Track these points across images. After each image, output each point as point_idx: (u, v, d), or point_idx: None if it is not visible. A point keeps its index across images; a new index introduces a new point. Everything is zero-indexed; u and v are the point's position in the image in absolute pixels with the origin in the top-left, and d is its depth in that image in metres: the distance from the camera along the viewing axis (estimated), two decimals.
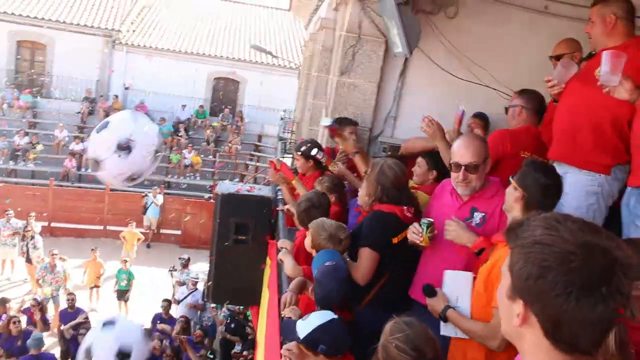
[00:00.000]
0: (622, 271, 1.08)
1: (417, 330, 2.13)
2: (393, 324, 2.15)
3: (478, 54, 5.60)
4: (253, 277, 4.81)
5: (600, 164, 3.36)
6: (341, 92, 5.61)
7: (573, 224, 1.15)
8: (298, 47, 26.95)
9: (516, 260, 1.17)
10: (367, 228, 3.38)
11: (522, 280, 1.15)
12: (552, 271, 1.09)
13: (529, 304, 1.15)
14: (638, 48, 3.20)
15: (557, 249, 1.10)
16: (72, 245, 15.56)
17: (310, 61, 10.36)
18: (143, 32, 25.61)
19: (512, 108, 4.12)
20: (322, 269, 2.96)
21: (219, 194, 4.94)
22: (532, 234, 1.16)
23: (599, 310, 1.07)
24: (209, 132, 23.39)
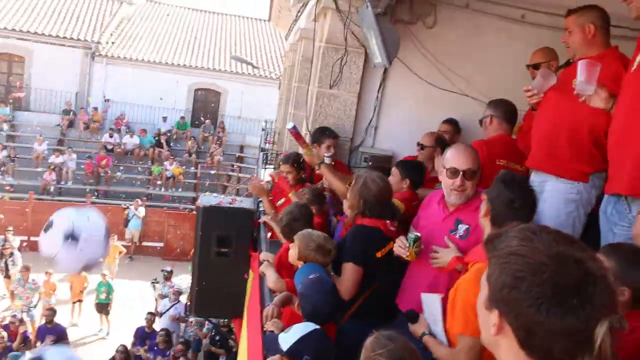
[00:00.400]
0: (593, 282, 1.09)
1: (398, 343, 2.12)
2: (374, 340, 2.12)
3: (457, 64, 5.64)
4: (236, 290, 4.78)
5: (578, 171, 3.40)
6: (321, 103, 5.61)
7: (547, 235, 1.17)
8: (279, 57, 26.99)
9: (492, 271, 1.20)
10: (350, 243, 3.36)
11: (497, 290, 1.17)
12: (525, 282, 1.11)
13: (504, 313, 1.17)
14: (614, 58, 3.26)
15: (530, 260, 1.13)
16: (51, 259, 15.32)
17: (291, 72, 10.37)
18: (123, 43, 25.47)
19: (485, 119, 4.26)
20: (306, 283, 2.93)
21: (201, 206, 4.90)
22: (508, 245, 1.18)
23: (568, 321, 1.08)
24: (190, 144, 23.29)
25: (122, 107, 23.94)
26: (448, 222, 3.24)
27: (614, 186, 2.95)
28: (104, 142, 21.90)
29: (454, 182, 3.13)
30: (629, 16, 2.99)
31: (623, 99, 2.95)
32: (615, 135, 2.98)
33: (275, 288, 3.39)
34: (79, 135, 22.67)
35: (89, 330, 13.10)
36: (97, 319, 13.20)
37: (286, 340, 2.55)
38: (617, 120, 2.98)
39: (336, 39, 5.53)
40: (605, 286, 1.11)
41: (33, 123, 22.46)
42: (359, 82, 5.67)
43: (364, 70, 5.69)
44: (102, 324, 13.17)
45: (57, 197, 19.93)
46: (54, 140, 22.18)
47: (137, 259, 17.97)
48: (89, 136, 22.72)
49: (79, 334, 12.67)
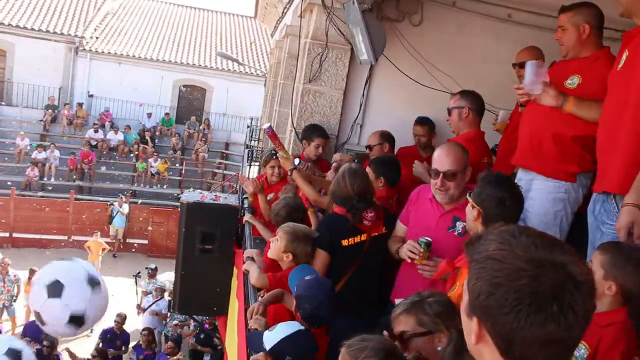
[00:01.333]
0: (575, 287, 1.04)
1: (374, 339, 2.07)
2: (348, 350, 2.04)
3: (443, 61, 5.64)
4: (220, 286, 4.75)
5: (566, 172, 3.40)
6: (307, 100, 5.59)
7: (527, 239, 1.10)
8: (264, 54, 26.91)
9: (471, 276, 1.14)
10: (320, 229, 3.52)
11: (475, 297, 1.11)
12: (501, 288, 1.06)
13: (482, 321, 1.12)
14: (607, 60, 3.25)
15: (507, 265, 1.07)
16: (35, 256, 15.20)
17: (277, 68, 10.34)
18: (107, 38, 25.22)
19: (458, 109, 4.14)
20: (304, 284, 2.88)
21: (184, 203, 4.86)
22: (486, 249, 1.13)
23: (549, 329, 1.03)
24: (174, 140, 23.15)
25: (106, 103, 23.71)
26: (445, 220, 3.28)
27: (603, 185, 2.95)
28: (88, 137, 21.67)
29: (435, 182, 3.22)
30: (615, 17, 3.02)
31: (610, 97, 2.96)
32: (603, 134, 2.98)
33: (258, 285, 3.38)
34: (62, 130, 22.43)
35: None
36: None
37: (270, 339, 2.53)
38: (604, 119, 2.99)
39: (322, 36, 5.51)
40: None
41: (15, 118, 22.23)
42: (345, 78, 5.66)
43: (350, 67, 5.68)
44: None
45: (40, 192, 19.75)
46: (36, 136, 21.92)
47: (122, 256, 17.85)
48: (73, 132, 22.49)
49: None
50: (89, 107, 23.84)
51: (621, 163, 2.79)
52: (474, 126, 4.19)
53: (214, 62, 25.85)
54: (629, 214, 2.56)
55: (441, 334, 2.09)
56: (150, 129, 23.49)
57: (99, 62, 24.11)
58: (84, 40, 23.80)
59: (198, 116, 25.17)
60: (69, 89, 23.66)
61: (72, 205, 18.22)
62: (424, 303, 2.17)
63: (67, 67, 23.66)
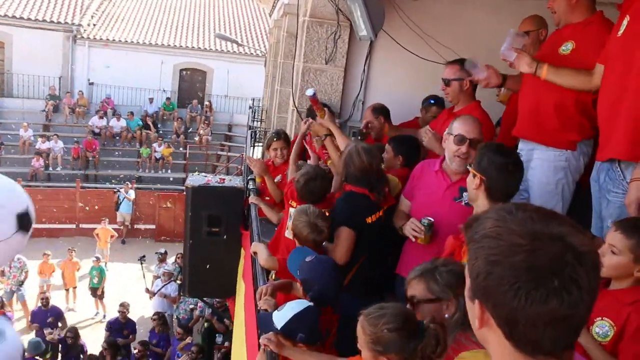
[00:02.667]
0: (576, 259, 0.98)
1: (391, 307, 2.11)
2: (366, 319, 2.07)
3: (443, 35, 5.58)
4: (228, 268, 4.78)
5: (567, 140, 3.39)
6: (307, 78, 5.57)
7: (524, 213, 1.05)
8: (264, 34, 26.73)
9: (470, 257, 1.09)
10: (341, 207, 3.41)
11: (474, 278, 1.06)
12: (498, 266, 1.01)
13: (484, 303, 1.06)
14: (600, 24, 3.23)
15: (503, 242, 1.02)
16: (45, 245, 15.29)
17: (276, 48, 10.28)
18: (104, 25, 25.08)
19: (459, 81, 4.06)
20: (307, 267, 2.85)
21: (190, 186, 4.88)
22: (483, 227, 1.08)
23: (552, 306, 0.97)
24: (176, 124, 23.14)
25: (107, 90, 23.66)
26: (452, 191, 3.28)
27: (607, 152, 2.93)
28: (92, 125, 21.68)
29: (460, 149, 3.21)
30: None
31: (613, 64, 2.93)
32: (607, 101, 2.95)
33: (267, 266, 3.38)
34: (64, 120, 22.44)
35: (86, 314, 13.18)
36: (93, 303, 13.25)
37: (280, 318, 2.54)
38: (606, 85, 2.96)
39: (320, 13, 5.47)
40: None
41: (17, 109, 22.23)
42: (345, 55, 5.63)
43: (350, 44, 5.64)
44: (98, 308, 13.21)
45: (47, 183, 19.82)
46: (39, 126, 21.94)
47: (130, 241, 17.97)
48: (75, 121, 22.49)
49: (77, 318, 12.72)
50: (90, 95, 23.81)
51: (627, 129, 2.77)
52: (472, 97, 4.16)
53: (213, 44, 25.69)
54: (638, 189, 2.56)
55: (449, 302, 2.11)
56: (152, 114, 23.45)
57: (97, 49, 24.00)
58: (82, 28, 23.66)
59: (200, 99, 25.10)
60: (69, 78, 23.60)
61: (79, 194, 18.30)
62: (436, 271, 2.19)
63: (66, 56, 23.57)
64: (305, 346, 2.52)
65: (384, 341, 2.02)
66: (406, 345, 2.02)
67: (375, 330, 2.04)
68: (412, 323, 2.07)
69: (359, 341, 2.10)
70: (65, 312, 11.64)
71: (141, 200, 18.65)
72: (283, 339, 2.50)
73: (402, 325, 2.03)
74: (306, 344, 2.52)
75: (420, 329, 2.04)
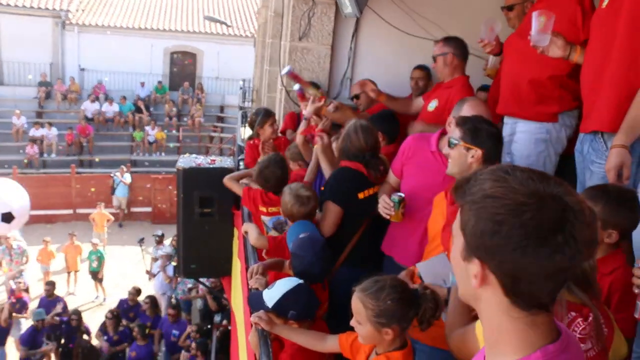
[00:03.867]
0: (574, 217, 1.04)
1: (388, 277, 2.13)
2: (366, 293, 2.07)
3: (429, 10, 5.59)
4: (222, 248, 4.84)
5: (546, 113, 3.43)
6: (295, 57, 5.59)
7: (522, 174, 1.09)
8: (253, 15, 26.53)
9: (468, 218, 1.11)
10: (331, 181, 3.45)
11: (477, 237, 1.09)
12: (505, 225, 1.04)
13: (486, 262, 1.09)
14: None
15: (508, 201, 1.05)
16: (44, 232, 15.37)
17: (264, 28, 10.25)
18: (93, 10, 24.90)
19: (443, 56, 4.11)
20: (296, 242, 2.92)
21: (181, 168, 4.92)
22: (482, 188, 1.09)
23: (557, 260, 1.03)
24: (167, 107, 23.08)
25: (99, 76, 23.56)
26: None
27: (591, 124, 2.95)
28: (84, 109, 21.63)
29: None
30: None
31: (596, 35, 2.95)
32: (589, 73, 2.97)
33: (258, 245, 3.42)
34: (57, 106, 22.36)
35: (86, 298, 13.31)
36: (93, 287, 13.37)
37: (271, 296, 2.54)
38: (590, 57, 2.98)
39: None
40: (585, 220, 1.06)
41: (9, 97, 22.12)
42: (331, 33, 5.64)
43: (336, 22, 5.65)
44: (98, 291, 13.32)
45: (42, 169, 19.82)
46: (32, 113, 21.86)
47: (127, 225, 18.06)
48: (68, 107, 22.42)
49: (77, 302, 12.85)
50: (82, 80, 23.70)
51: (611, 100, 2.79)
52: (459, 71, 4.16)
53: (202, 27, 25.53)
54: (618, 155, 2.57)
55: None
56: (144, 98, 23.40)
57: (87, 34, 23.85)
58: (70, 13, 23.48)
59: (191, 81, 25.01)
60: (59, 64, 23.50)
61: (74, 180, 18.32)
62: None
63: (56, 43, 23.45)
64: (297, 323, 2.54)
65: (389, 313, 2.02)
66: (407, 314, 2.05)
67: (378, 303, 2.03)
68: (409, 291, 2.11)
69: (357, 317, 2.09)
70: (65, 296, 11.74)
71: (137, 184, 18.68)
72: (274, 317, 2.52)
73: (402, 294, 2.05)
74: (297, 321, 2.54)
75: (417, 296, 2.10)
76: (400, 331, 2.07)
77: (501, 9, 4.49)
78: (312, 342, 2.45)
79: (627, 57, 2.73)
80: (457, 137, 2.66)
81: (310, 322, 2.64)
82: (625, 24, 2.72)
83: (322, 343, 2.43)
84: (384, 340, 2.08)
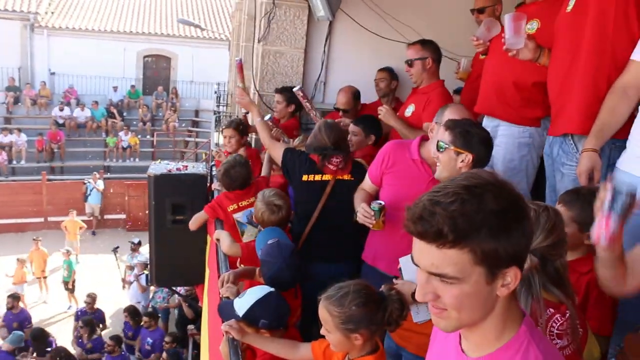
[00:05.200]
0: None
1: (351, 283, 2.11)
2: (330, 301, 2.06)
3: (403, 13, 5.58)
4: (195, 256, 4.75)
5: (531, 117, 3.43)
6: (267, 61, 5.53)
7: (489, 175, 1.20)
8: (227, 17, 26.39)
9: (486, 244, 1.13)
10: (283, 156, 3.66)
11: (514, 247, 1.15)
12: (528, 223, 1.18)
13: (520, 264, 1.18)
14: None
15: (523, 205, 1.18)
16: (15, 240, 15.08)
17: (239, 31, 10.17)
18: (63, 13, 24.45)
19: (422, 61, 4.08)
20: (265, 249, 2.91)
21: (151, 175, 4.83)
22: (485, 209, 1.12)
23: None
24: (141, 112, 22.79)
25: (70, 80, 23.14)
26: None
27: (561, 127, 2.97)
28: (54, 116, 21.20)
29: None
30: None
31: (563, 40, 2.96)
32: (558, 77, 2.98)
33: (230, 253, 3.38)
34: (26, 112, 21.89)
35: (59, 308, 13.03)
36: (66, 296, 13.10)
37: (242, 305, 2.51)
38: (558, 61, 2.99)
39: None
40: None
41: None
42: (304, 37, 5.59)
43: (309, 25, 5.60)
44: (71, 301, 13.06)
45: (12, 177, 19.41)
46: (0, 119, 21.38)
47: (101, 232, 17.77)
48: (38, 112, 21.98)
49: (50, 313, 12.57)
50: (52, 85, 23.26)
51: (580, 103, 2.82)
52: (436, 76, 4.18)
53: (176, 30, 25.28)
54: (589, 159, 2.61)
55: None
56: (117, 102, 23.04)
57: (57, 37, 23.40)
58: (39, 16, 23.01)
59: (165, 86, 24.73)
60: (28, 68, 22.98)
61: (45, 187, 17.98)
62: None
63: (24, 46, 22.93)
64: (269, 332, 2.51)
65: (355, 318, 2.02)
66: (374, 317, 2.04)
67: (343, 309, 2.03)
68: (374, 294, 2.10)
69: (326, 326, 2.08)
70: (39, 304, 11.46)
71: (110, 191, 18.42)
72: (245, 326, 2.48)
73: (367, 298, 2.05)
74: (269, 329, 2.51)
75: (382, 298, 2.09)
76: (369, 335, 2.07)
77: (471, 11, 4.50)
78: (285, 351, 2.42)
79: (594, 60, 2.77)
80: (447, 140, 2.62)
81: (282, 331, 2.61)
82: (592, 27, 2.75)
83: (295, 351, 2.40)
84: (355, 346, 2.08)
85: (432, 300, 1.18)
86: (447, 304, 1.17)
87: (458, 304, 1.16)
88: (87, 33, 23.88)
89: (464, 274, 1.13)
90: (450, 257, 1.12)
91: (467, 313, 1.18)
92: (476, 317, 1.19)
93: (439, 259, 1.13)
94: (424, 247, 1.15)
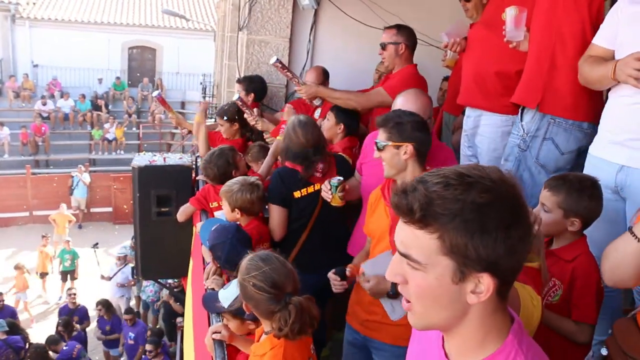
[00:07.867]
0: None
1: (274, 265, 2.11)
2: (249, 261, 2.13)
3: (389, 1, 5.52)
4: (180, 248, 4.70)
5: (513, 106, 3.41)
6: (252, 51, 5.46)
7: (474, 170, 1.12)
8: (212, 8, 26.17)
9: (458, 238, 1.07)
10: (270, 185, 3.46)
11: (485, 249, 1.06)
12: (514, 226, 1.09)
13: (494, 270, 1.08)
14: None
15: (506, 202, 1.08)
16: None
17: (224, 21, 10.08)
18: (46, 3, 24.12)
19: (395, 45, 4.05)
20: (211, 235, 2.94)
21: (135, 167, 4.77)
22: (467, 201, 1.05)
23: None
24: (126, 104, 22.56)
25: (53, 72, 22.85)
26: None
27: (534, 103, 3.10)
28: (38, 110, 20.93)
29: None
30: None
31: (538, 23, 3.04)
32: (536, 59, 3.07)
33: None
34: (9, 104, 21.61)
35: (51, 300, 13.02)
36: (59, 288, 13.00)
37: (226, 296, 2.48)
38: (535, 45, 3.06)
39: None
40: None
41: None
42: (289, 26, 5.52)
43: (294, 14, 5.54)
44: (63, 293, 12.93)
45: None
46: None
47: (87, 225, 17.64)
48: (21, 105, 21.70)
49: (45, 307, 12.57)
50: (36, 77, 22.96)
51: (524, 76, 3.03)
52: (409, 61, 4.13)
53: (161, 21, 25.04)
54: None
55: None
56: (102, 94, 22.81)
57: (40, 29, 23.09)
58: (20, 7, 22.66)
59: (150, 77, 24.53)
60: (10, 60, 22.69)
61: (29, 181, 17.79)
62: None
63: (5, 37, 22.61)
64: (254, 323, 2.47)
65: (245, 292, 2.14)
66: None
67: (244, 278, 2.12)
68: (281, 289, 2.09)
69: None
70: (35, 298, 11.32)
71: (96, 183, 18.27)
72: (230, 318, 2.47)
73: (269, 287, 2.08)
74: (254, 321, 2.46)
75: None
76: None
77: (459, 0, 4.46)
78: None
79: (544, 35, 2.95)
80: (383, 139, 2.61)
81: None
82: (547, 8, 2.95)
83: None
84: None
85: (400, 283, 1.16)
86: (411, 294, 1.14)
87: (421, 295, 1.13)
88: (70, 24, 23.57)
89: (428, 260, 1.09)
90: (418, 239, 1.09)
91: (431, 310, 1.14)
92: (442, 317, 1.15)
93: (408, 237, 1.11)
94: (400, 223, 1.14)
